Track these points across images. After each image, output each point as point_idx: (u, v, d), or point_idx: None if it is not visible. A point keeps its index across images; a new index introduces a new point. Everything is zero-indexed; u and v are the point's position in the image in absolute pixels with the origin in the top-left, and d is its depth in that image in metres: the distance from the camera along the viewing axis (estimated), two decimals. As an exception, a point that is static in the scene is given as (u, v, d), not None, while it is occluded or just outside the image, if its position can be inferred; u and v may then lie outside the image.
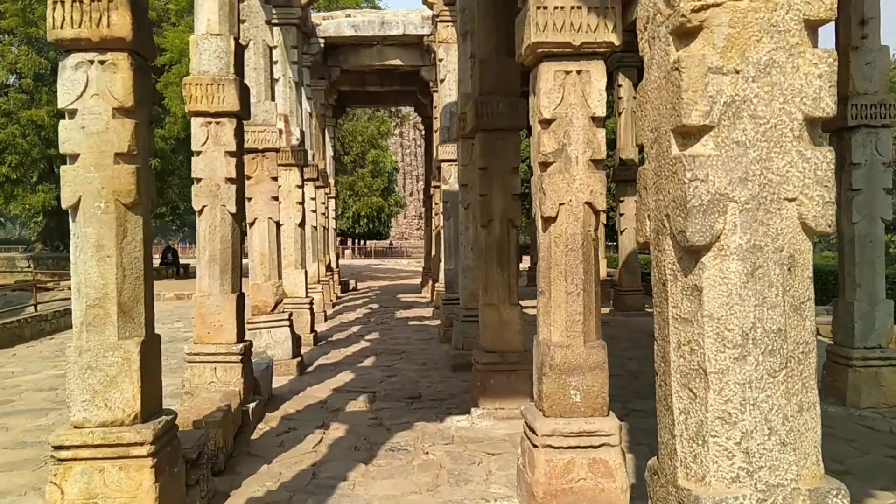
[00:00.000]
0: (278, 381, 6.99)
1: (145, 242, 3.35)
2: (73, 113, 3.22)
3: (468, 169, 7.76)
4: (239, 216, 5.67)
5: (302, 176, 9.72)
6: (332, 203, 18.09)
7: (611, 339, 9.85)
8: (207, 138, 5.56)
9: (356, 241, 64.22)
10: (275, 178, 7.63)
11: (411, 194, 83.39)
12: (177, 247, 28.60)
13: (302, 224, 9.65)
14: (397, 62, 14.24)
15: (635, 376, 7.20)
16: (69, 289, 3.64)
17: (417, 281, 23.91)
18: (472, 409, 5.64)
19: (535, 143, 3.80)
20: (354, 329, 11.15)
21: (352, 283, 20.41)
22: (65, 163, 3.27)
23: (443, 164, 9.84)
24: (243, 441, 5.05)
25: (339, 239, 61.12)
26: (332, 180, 17.91)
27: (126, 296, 3.25)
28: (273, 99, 7.74)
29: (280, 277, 7.71)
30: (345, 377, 7.37)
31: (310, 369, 7.89)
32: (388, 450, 4.84)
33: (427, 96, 16.34)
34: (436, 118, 14.00)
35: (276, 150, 7.70)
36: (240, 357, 5.52)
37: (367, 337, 10.28)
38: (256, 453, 4.83)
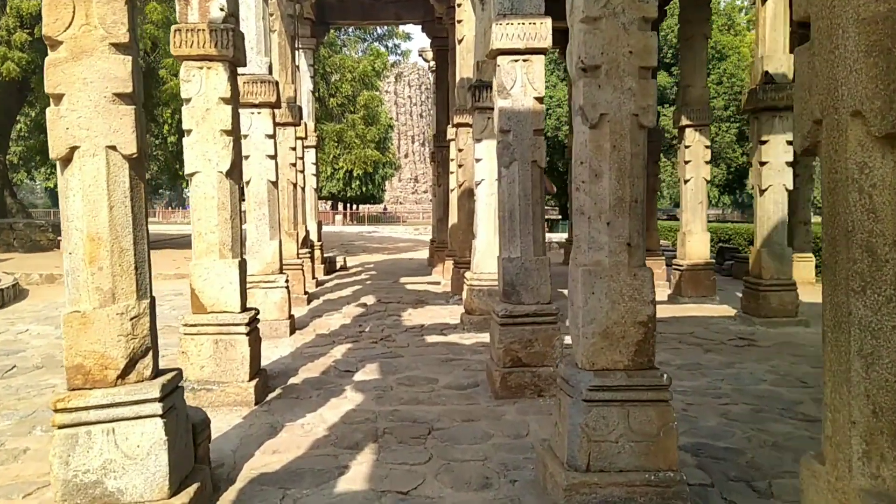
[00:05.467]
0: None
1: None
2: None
3: (609, 24, 3.16)
4: None
5: (234, 84, 5.13)
6: (311, 155, 13.45)
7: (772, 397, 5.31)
8: None
9: (347, 205, 59.41)
10: (122, 48, 3.02)
11: (406, 156, 78.71)
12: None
13: (233, 173, 5.08)
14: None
15: None
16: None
17: (421, 255, 19.43)
18: None
19: None
20: (337, 354, 6.65)
21: (340, 259, 15.87)
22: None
23: (500, 63, 5.22)
24: None
25: (329, 203, 56.63)
26: (311, 123, 13.23)
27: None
28: None
29: (143, 294, 3.15)
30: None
31: (221, 507, 3.42)
32: None
33: (444, 1, 11.61)
34: (459, 21, 9.43)
35: (127, -22, 3.07)
36: None
37: (358, 378, 5.79)
38: None
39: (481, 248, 7.71)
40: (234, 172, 5.12)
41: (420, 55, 16.77)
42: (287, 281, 7.66)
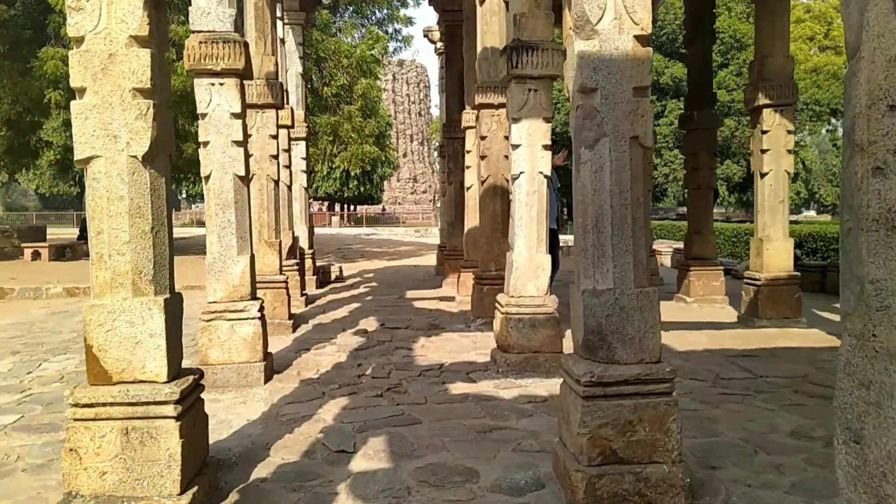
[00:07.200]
0: None
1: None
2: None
3: None
4: None
5: (157, 16, 3.24)
6: (300, 148, 11.55)
7: None
8: None
9: (344, 206, 57.41)
10: None
11: (405, 155, 76.94)
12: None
13: (156, 160, 3.17)
14: None
15: None
16: None
17: (426, 261, 17.55)
18: None
19: None
20: (328, 417, 4.72)
21: (335, 268, 13.96)
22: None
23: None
24: None
25: (325, 204, 54.66)
26: (299, 111, 11.33)
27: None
28: None
29: None
30: None
31: None
32: None
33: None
34: (482, -22, 7.55)
35: None
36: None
37: (356, 466, 3.85)
38: None
39: (520, 263, 5.80)
40: (159, 158, 3.22)
41: (425, 35, 14.87)
42: (262, 308, 5.75)
